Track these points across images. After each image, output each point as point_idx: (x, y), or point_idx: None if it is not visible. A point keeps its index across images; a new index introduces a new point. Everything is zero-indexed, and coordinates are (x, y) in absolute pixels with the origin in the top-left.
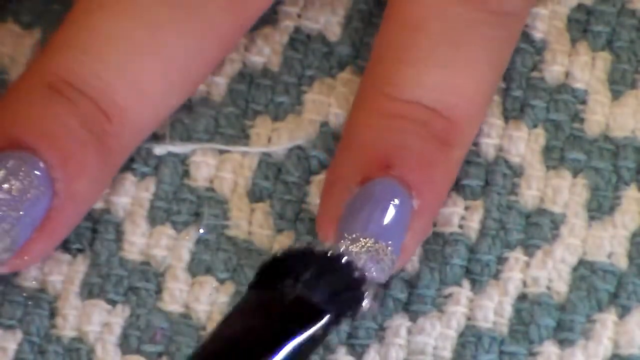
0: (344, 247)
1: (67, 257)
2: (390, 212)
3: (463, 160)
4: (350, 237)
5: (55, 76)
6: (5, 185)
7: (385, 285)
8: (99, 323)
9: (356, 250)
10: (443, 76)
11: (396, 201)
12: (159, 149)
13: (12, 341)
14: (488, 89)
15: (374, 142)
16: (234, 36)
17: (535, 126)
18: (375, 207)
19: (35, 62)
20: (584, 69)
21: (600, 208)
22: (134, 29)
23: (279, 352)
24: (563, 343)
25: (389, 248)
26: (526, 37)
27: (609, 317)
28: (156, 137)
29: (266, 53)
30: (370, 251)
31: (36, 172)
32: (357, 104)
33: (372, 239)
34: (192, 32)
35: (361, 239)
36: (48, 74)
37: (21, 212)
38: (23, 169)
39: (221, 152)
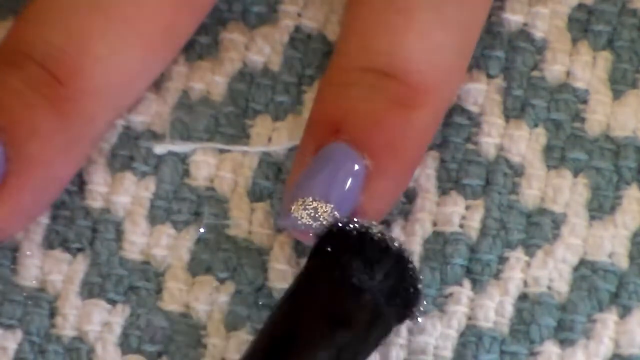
0: (292, 209)
1: (67, 256)
2: (337, 174)
3: (436, 126)
4: (296, 200)
5: (5, 48)
6: None
7: None
8: (99, 322)
9: (296, 207)
10: (391, 41)
11: (344, 162)
12: (159, 148)
13: (12, 341)
14: (448, 53)
15: (326, 111)
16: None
17: (536, 125)
18: (321, 170)
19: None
20: (584, 68)
21: (601, 208)
22: None
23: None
24: (564, 343)
25: (330, 205)
26: (527, 36)
27: (610, 317)
28: (156, 137)
29: (266, 52)
30: (308, 209)
31: None
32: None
33: (310, 197)
34: None
35: (299, 198)
36: (1, 48)
37: None
38: None
39: (221, 151)
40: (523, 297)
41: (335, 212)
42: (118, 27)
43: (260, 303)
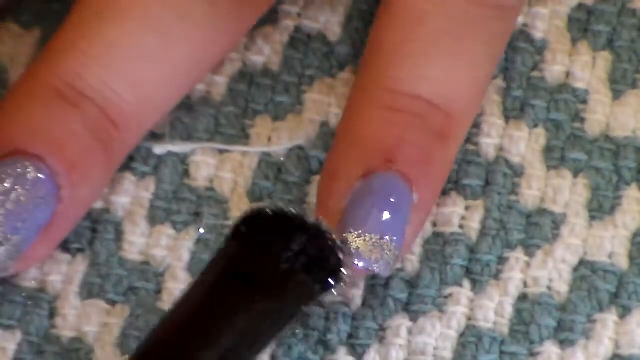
0: (350, 241)
1: (66, 257)
2: (393, 207)
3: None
4: (356, 232)
5: (61, 81)
6: (13, 195)
7: (386, 285)
8: (99, 323)
9: (362, 244)
10: (444, 69)
11: (398, 196)
12: (159, 149)
13: (11, 341)
14: (484, 83)
15: (376, 136)
16: (238, 38)
17: (535, 126)
18: (378, 202)
19: (37, 65)
20: (584, 68)
21: (601, 208)
22: (141, 35)
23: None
24: (564, 343)
25: (393, 244)
26: (527, 36)
27: (610, 317)
28: (156, 137)
29: (266, 52)
30: (376, 246)
31: (42, 179)
32: (357, 97)
33: (378, 235)
34: (200, 39)
35: (366, 234)
36: (52, 78)
37: (26, 221)
38: (30, 177)
39: (221, 151)
40: (523, 297)
41: (397, 251)
42: (175, 80)
43: None
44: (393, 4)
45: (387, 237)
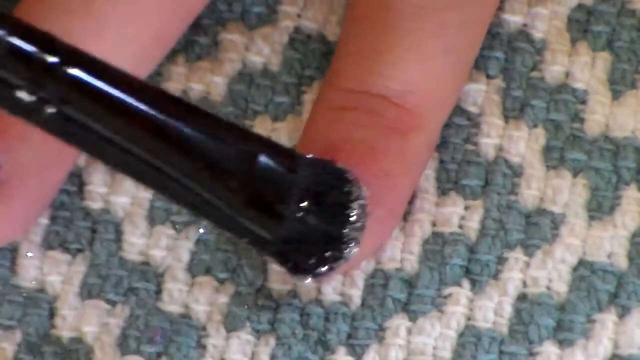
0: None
1: (66, 257)
2: None
3: (431, 150)
4: None
5: None
6: None
7: (385, 285)
8: (98, 323)
9: None
10: (388, 63)
11: None
12: None
13: (11, 341)
14: (445, 74)
15: (322, 136)
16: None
17: (535, 126)
18: None
19: None
20: (584, 69)
21: (600, 208)
22: None
23: None
24: (563, 343)
25: None
26: (526, 36)
27: (609, 317)
28: None
29: (266, 53)
30: None
31: None
32: (316, 98)
33: None
34: None
35: None
36: None
37: None
38: None
39: None
40: (522, 297)
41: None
42: (111, 31)
43: (260, 304)
44: (347, 7)
45: None
